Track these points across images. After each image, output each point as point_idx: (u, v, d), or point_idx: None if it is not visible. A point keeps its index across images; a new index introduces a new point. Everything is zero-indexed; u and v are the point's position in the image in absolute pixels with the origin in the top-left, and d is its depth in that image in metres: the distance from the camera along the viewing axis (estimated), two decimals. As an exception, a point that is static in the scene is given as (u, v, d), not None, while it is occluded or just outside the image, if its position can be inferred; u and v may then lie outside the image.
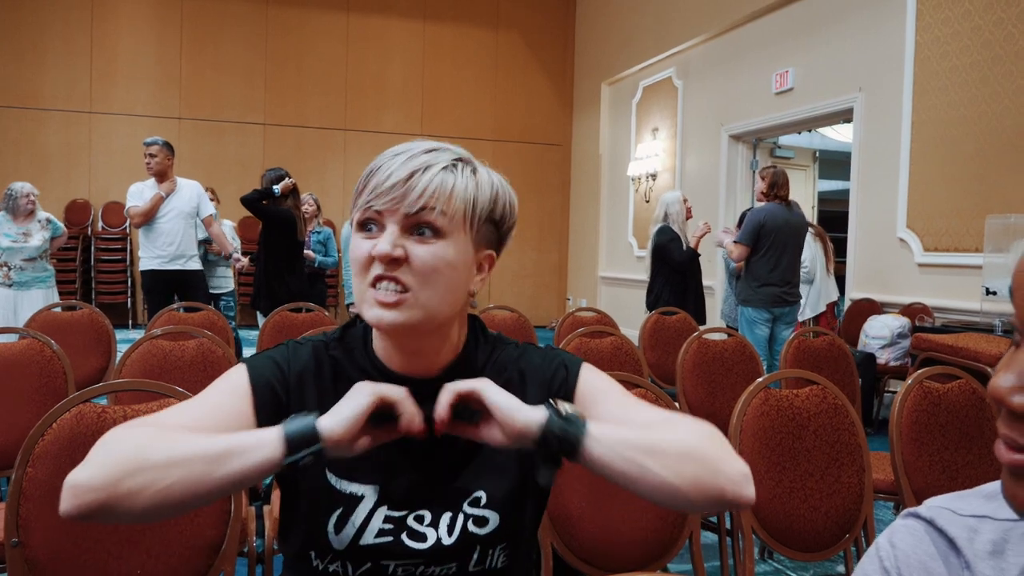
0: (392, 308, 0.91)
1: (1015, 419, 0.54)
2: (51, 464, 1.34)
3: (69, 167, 9.54)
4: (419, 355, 1.00)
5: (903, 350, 5.04)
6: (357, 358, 1.02)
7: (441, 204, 0.92)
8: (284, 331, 3.55)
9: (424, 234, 0.92)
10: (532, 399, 1.00)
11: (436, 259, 0.92)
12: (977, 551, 0.63)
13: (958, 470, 2.09)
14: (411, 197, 0.91)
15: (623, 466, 0.87)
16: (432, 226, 0.92)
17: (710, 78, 8.09)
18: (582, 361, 1.08)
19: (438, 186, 0.92)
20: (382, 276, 0.91)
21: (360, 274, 0.94)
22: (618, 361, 3.05)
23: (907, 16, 5.54)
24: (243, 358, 1.03)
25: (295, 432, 0.84)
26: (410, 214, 0.91)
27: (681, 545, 1.80)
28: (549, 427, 0.87)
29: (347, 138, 10.32)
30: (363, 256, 0.93)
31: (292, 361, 1.01)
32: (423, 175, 0.92)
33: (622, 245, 9.87)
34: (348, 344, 1.04)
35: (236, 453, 0.82)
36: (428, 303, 0.92)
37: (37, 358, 2.42)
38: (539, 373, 1.06)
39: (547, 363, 1.07)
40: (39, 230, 5.12)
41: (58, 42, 9.37)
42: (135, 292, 9.46)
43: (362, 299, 0.94)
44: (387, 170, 0.92)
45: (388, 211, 0.92)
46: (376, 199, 0.92)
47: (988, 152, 4.95)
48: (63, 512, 0.81)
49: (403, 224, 0.92)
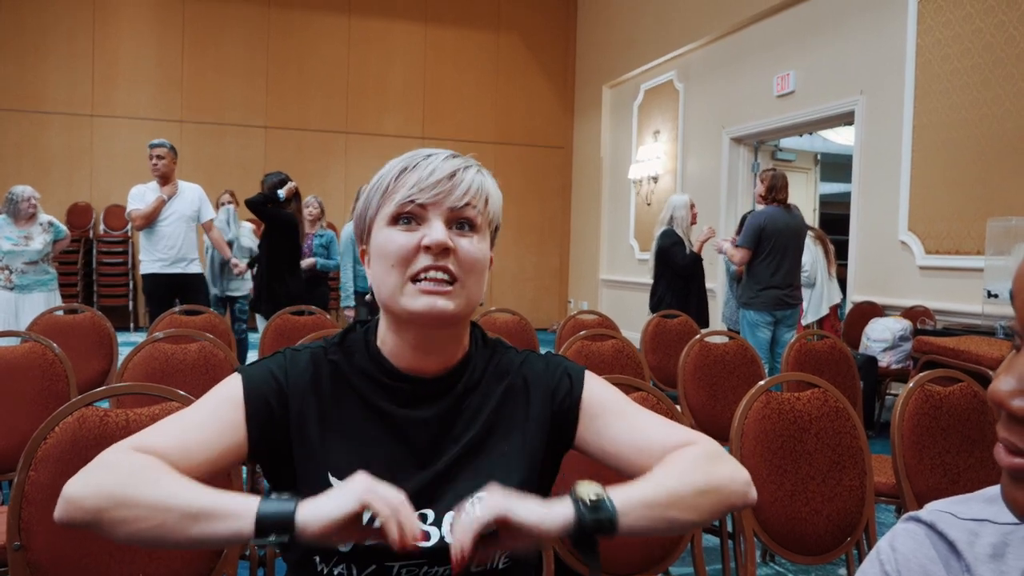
0: (445, 297, 0.94)
1: (1015, 423, 0.54)
2: (53, 468, 1.34)
3: (71, 170, 9.56)
4: (435, 352, 1.02)
5: (905, 353, 5.03)
6: (358, 360, 1.03)
7: (480, 203, 0.99)
8: (286, 334, 3.55)
9: (464, 228, 0.97)
10: (536, 406, 1.05)
11: (478, 251, 0.98)
12: (978, 555, 0.63)
13: (960, 473, 2.08)
14: (457, 192, 0.96)
15: (653, 525, 0.92)
16: (471, 222, 0.98)
17: (711, 81, 8.09)
18: (584, 369, 1.11)
19: (479, 186, 0.99)
20: (433, 266, 0.94)
21: (400, 266, 0.96)
22: (619, 364, 3.05)
23: (908, 19, 5.54)
24: (240, 366, 1.03)
25: (270, 515, 0.81)
26: (455, 208, 0.96)
27: (683, 548, 1.80)
28: (581, 522, 0.86)
29: (348, 141, 10.34)
30: (407, 248, 0.95)
31: (289, 369, 1.01)
32: (465, 173, 0.98)
33: (623, 248, 9.87)
34: (349, 348, 1.05)
35: (212, 516, 0.82)
36: (470, 294, 0.98)
37: (39, 361, 2.42)
38: (542, 380, 1.07)
39: (550, 371, 1.09)
40: (40, 233, 5.12)
41: (60, 45, 9.39)
42: (136, 295, 9.47)
43: (400, 291, 0.96)
44: (428, 166, 0.97)
45: (433, 204, 0.95)
46: (420, 193, 0.95)
47: (989, 155, 4.95)
48: (56, 518, 0.86)
49: (448, 218, 0.96)
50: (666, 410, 1.81)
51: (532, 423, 1.05)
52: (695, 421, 2.97)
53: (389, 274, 0.96)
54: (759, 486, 1.87)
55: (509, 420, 1.05)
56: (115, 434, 1.39)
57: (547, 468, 1.07)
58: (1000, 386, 0.55)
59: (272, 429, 0.98)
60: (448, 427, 1.02)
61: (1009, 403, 0.54)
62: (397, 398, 1.01)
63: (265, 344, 3.56)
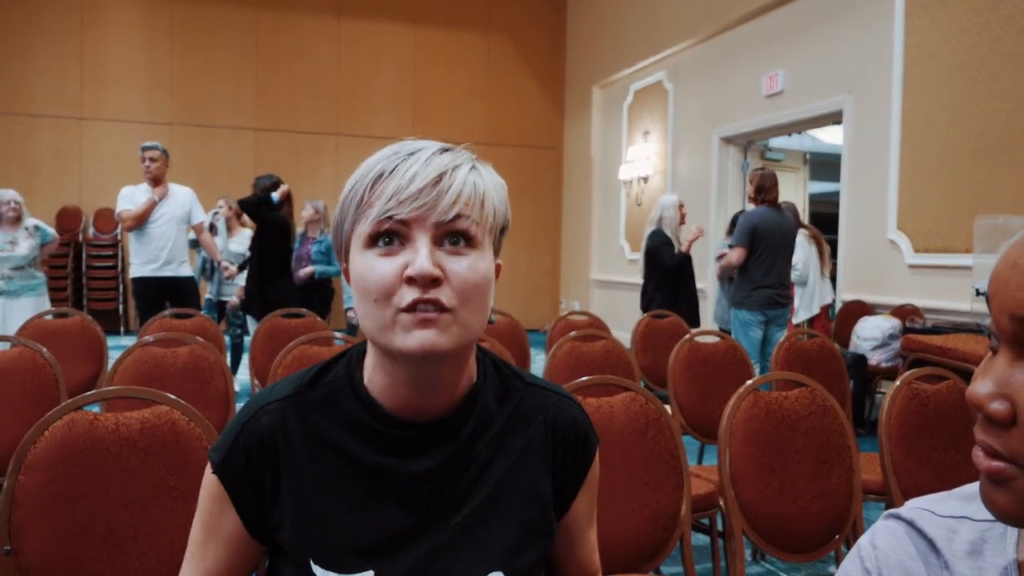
0: (441, 333, 0.77)
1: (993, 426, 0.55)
2: (43, 472, 1.34)
3: (60, 173, 9.51)
4: (438, 387, 0.84)
5: (894, 351, 5.06)
6: (342, 406, 0.87)
7: (475, 211, 0.80)
8: (276, 337, 3.54)
9: (458, 244, 0.79)
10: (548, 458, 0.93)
11: (475, 274, 0.80)
12: (956, 551, 0.64)
13: (947, 470, 2.10)
14: (444, 202, 0.77)
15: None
16: (466, 235, 0.79)
17: (700, 81, 8.12)
18: (598, 442, 1.00)
19: (472, 190, 0.80)
20: (421, 300, 0.76)
21: (383, 300, 0.78)
22: (609, 365, 3.06)
23: (895, 19, 5.58)
24: (210, 452, 0.89)
25: None
26: (443, 222, 0.78)
27: (672, 547, 1.81)
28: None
29: (339, 143, 10.32)
30: (387, 279, 0.77)
31: (249, 438, 0.87)
32: (454, 175, 0.79)
33: (614, 248, 9.89)
34: (328, 391, 0.88)
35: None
36: (468, 324, 0.80)
37: (29, 366, 2.42)
38: (568, 435, 0.95)
39: (578, 427, 0.96)
40: (26, 238, 5.08)
41: (48, 47, 9.34)
42: (127, 299, 9.43)
43: (388, 326, 0.78)
44: (407, 172, 0.78)
45: (416, 219, 0.77)
46: (399, 207, 0.77)
47: (977, 153, 4.98)
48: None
49: (435, 234, 0.78)
50: (654, 411, 1.83)
51: (547, 485, 0.92)
52: (685, 420, 2.99)
53: (372, 309, 0.79)
54: (748, 485, 1.89)
55: (528, 480, 0.90)
56: (105, 438, 1.39)
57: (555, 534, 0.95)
58: (978, 389, 0.55)
59: (263, 498, 0.87)
60: (454, 480, 0.86)
61: (987, 406, 0.54)
62: (390, 447, 0.85)
63: (256, 348, 3.55)
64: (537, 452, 0.91)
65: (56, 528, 1.33)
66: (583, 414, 0.97)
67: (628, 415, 1.81)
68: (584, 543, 1.02)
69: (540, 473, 0.91)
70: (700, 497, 2.29)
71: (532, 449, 0.91)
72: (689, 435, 2.97)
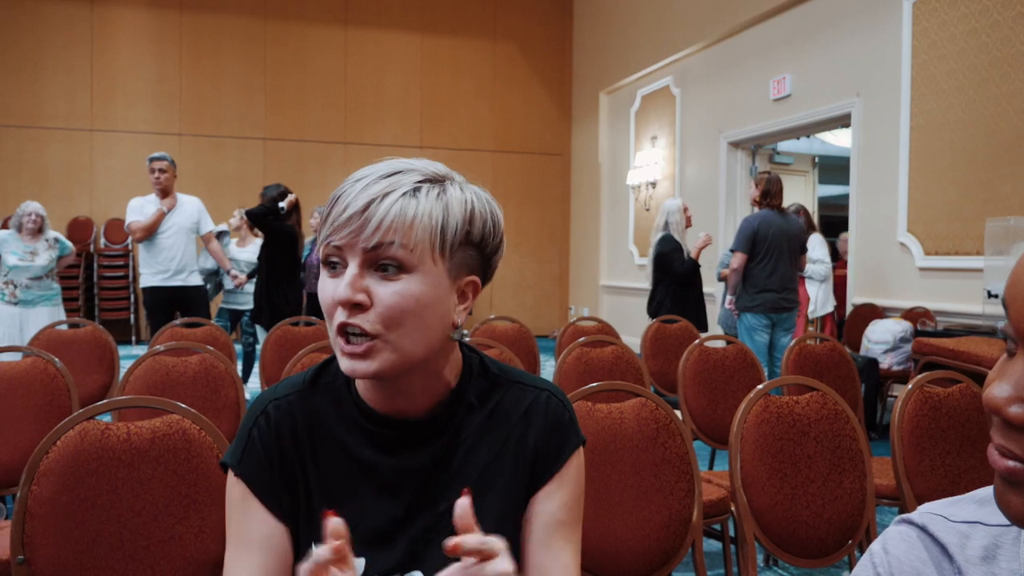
0: (362, 359, 0.83)
1: (1011, 429, 0.54)
2: (55, 482, 1.34)
3: (70, 185, 9.58)
4: (406, 395, 0.91)
5: (906, 354, 5.03)
6: (338, 400, 0.94)
7: (400, 236, 0.81)
8: (286, 345, 3.56)
9: (387, 271, 0.82)
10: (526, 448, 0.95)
11: (402, 298, 0.82)
12: (969, 557, 0.64)
13: (960, 474, 2.09)
14: (367, 230, 0.81)
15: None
16: (395, 261, 0.82)
17: (708, 86, 8.11)
18: (583, 442, 1.00)
19: (396, 215, 0.81)
20: (346, 324, 0.82)
21: (328, 319, 0.85)
22: (619, 370, 3.06)
23: (903, 21, 5.56)
24: (225, 462, 0.94)
25: None
26: (368, 249, 0.81)
27: (684, 553, 1.80)
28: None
29: (347, 151, 10.36)
30: (328, 300, 0.84)
31: (262, 431, 0.93)
32: (380, 204, 0.81)
33: (623, 254, 9.88)
34: (325, 386, 0.96)
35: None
36: (400, 346, 0.84)
37: (41, 376, 2.43)
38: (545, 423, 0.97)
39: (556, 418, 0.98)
40: (46, 249, 5.15)
41: (58, 60, 9.43)
42: (138, 308, 9.48)
43: (334, 346, 0.86)
44: (345, 200, 0.82)
45: (347, 245, 0.82)
46: (334, 233, 0.82)
47: (987, 155, 4.96)
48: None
49: (363, 260, 0.82)
50: (664, 416, 1.82)
51: (524, 477, 0.95)
52: (695, 426, 2.98)
53: (328, 324, 0.86)
54: (759, 490, 1.88)
55: (507, 472, 0.94)
56: (116, 447, 1.40)
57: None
58: (995, 392, 0.54)
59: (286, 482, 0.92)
60: (440, 475, 0.93)
61: (1006, 410, 0.53)
62: (380, 445, 0.92)
63: (266, 356, 3.57)
64: (517, 443, 0.95)
65: (68, 537, 1.34)
66: (565, 409, 0.99)
67: (638, 421, 1.80)
68: (551, 550, 0.94)
69: (519, 463, 0.95)
70: (711, 503, 2.28)
71: (512, 441, 0.95)
72: (700, 440, 2.96)
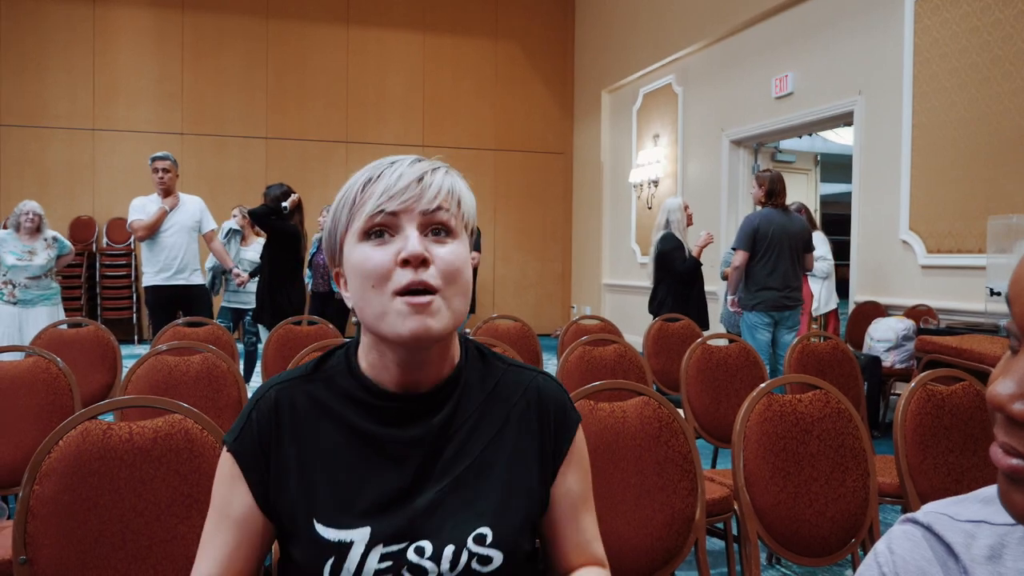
0: (430, 315, 0.88)
1: (1014, 427, 0.54)
2: (58, 481, 1.34)
3: (73, 184, 9.59)
4: (423, 369, 0.96)
5: (908, 353, 5.03)
6: (340, 383, 0.98)
7: (453, 205, 0.93)
8: (288, 345, 3.56)
9: (440, 234, 0.91)
10: (536, 435, 1.03)
11: (456, 257, 0.91)
12: (974, 556, 0.63)
13: (963, 473, 2.08)
14: (428, 196, 0.90)
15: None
16: (446, 226, 0.92)
17: (710, 84, 8.11)
18: (580, 419, 1.09)
19: (449, 187, 0.93)
20: (415, 281, 0.88)
21: (379, 285, 0.89)
22: (622, 369, 3.05)
23: (905, 19, 5.55)
24: (225, 440, 0.99)
25: None
26: (428, 212, 0.90)
27: (687, 552, 1.80)
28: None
29: (349, 150, 10.36)
30: (384, 264, 0.89)
31: (261, 412, 0.98)
32: (433, 175, 0.92)
33: (625, 252, 9.88)
34: (328, 372, 1.00)
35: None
36: (456, 306, 0.91)
37: (43, 375, 2.43)
38: (548, 403, 1.05)
39: (557, 398, 1.06)
40: (44, 248, 5.14)
41: (60, 59, 9.44)
42: (140, 308, 9.49)
43: (385, 313, 0.89)
44: (394, 173, 0.91)
45: (404, 211, 0.90)
46: (390, 201, 0.89)
47: (989, 153, 4.95)
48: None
49: (421, 223, 0.90)
50: (667, 415, 1.82)
51: (532, 452, 1.01)
52: (698, 424, 2.97)
53: (370, 295, 0.90)
54: (762, 488, 1.87)
55: (511, 446, 1.00)
56: (119, 447, 1.40)
57: (543, 501, 1.04)
58: (999, 389, 0.54)
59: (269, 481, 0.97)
60: (442, 447, 0.97)
61: (1010, 407, 0.53)
62: (385, 418, 0.96)
63: (268, 355, 3.57)
64: (519, 419, 1.02)
65: (70, 537, 1.33)
66: (562, 390, 1.07)
67: (641, 420, 1.80)
68: (578, 523, 1.05)
69: (523, 437, 1.01)
70: (714, 501, 2.27)
71: (514, 418, 1.02)
72: (702, 439, 2.96)
